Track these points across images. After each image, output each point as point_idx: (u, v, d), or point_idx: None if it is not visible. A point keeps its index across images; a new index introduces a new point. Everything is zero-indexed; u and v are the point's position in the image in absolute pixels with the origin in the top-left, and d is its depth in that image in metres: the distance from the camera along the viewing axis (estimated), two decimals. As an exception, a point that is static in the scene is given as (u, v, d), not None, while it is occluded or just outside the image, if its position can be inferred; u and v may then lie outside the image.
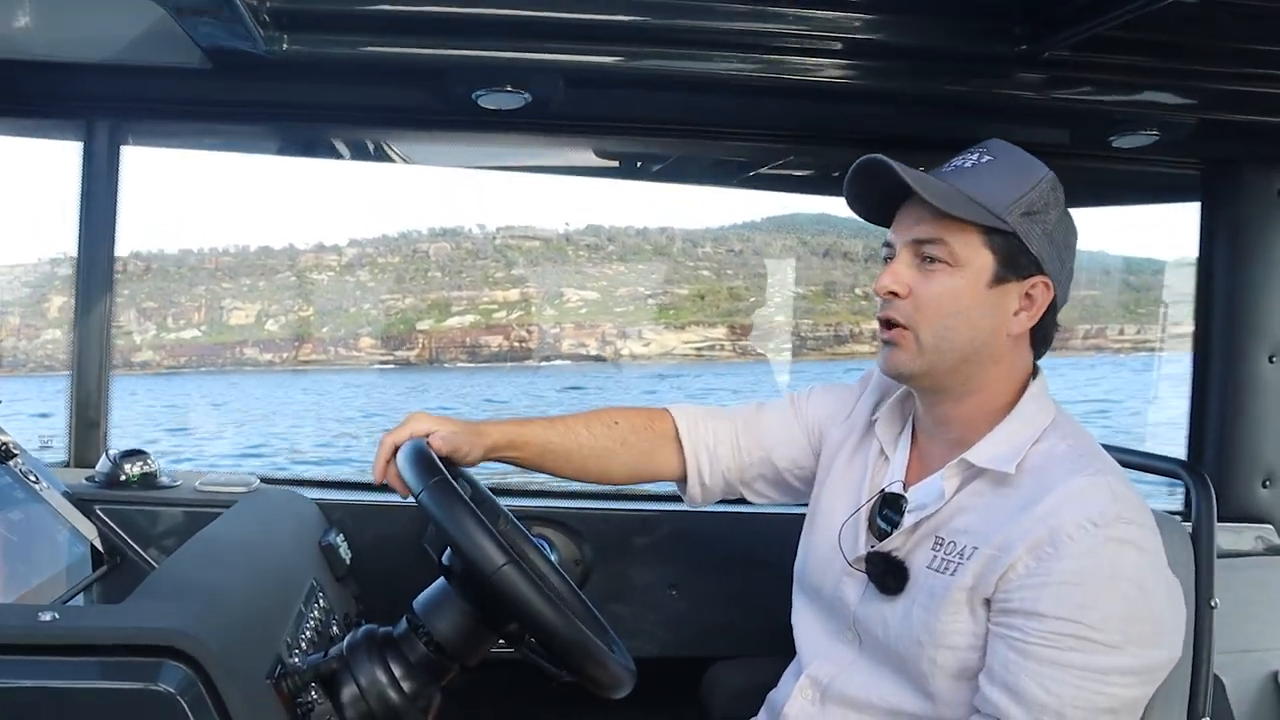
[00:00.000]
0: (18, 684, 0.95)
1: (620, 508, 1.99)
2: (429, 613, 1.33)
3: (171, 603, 1.12)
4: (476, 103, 1.62)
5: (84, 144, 1.84)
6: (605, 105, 1.75)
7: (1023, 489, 1.19)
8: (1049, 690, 1.09)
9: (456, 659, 1.33)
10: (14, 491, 1.43)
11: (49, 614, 1.01)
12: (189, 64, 1.50)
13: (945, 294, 1.22)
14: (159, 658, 0.98)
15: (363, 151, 1.97)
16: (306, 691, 1.17)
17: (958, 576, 1.19)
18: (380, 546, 1.84)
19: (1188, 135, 1.75)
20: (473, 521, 1.18)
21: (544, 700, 1.98)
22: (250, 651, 1.11)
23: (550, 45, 1.47)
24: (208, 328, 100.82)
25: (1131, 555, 1.12)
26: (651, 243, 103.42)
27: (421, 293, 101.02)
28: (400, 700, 1.28)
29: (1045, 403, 1.28)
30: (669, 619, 1.91)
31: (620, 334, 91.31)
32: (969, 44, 1.48)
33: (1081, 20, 1.37)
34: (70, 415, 1.87)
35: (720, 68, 1.50)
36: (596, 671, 1.25)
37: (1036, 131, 1.80)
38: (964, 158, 1.27)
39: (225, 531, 1.47)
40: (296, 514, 1.71)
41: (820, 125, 1.86)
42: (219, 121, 1.82)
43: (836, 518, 1.40)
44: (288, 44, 1.41)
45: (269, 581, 1.36)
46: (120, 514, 1.63)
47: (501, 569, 1.16)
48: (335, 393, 54.03)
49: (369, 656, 1.29)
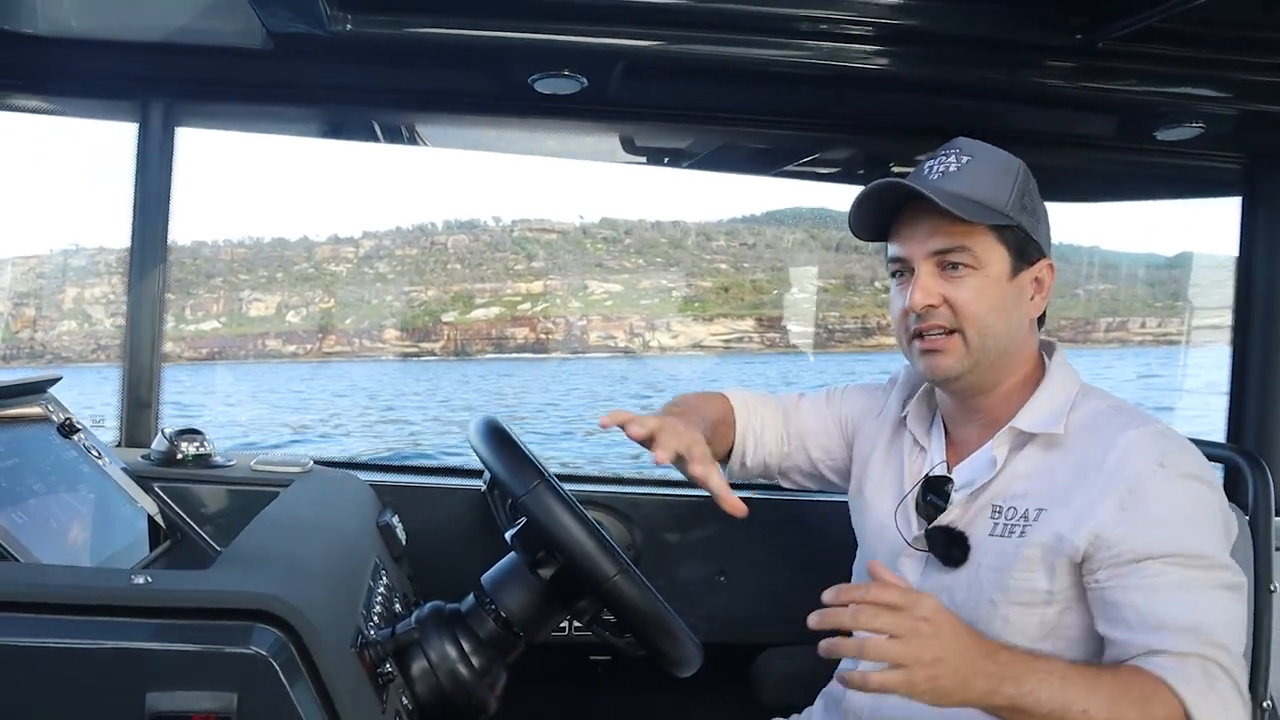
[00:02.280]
0: (113, 645, 0.96)
1: (671, 494, 2.01)
2: (498, 588, 1.35)
3: (257, 570, 1.13)
4: (533, 87, 1.63)
5: (139, 125, 1.84)
6: (657, 92, 1.77)
7: (1077, 448, 1.27)
8: (1188, 613, 1.15)
9: (524, 635, 1.35)
10: (80, 465, 1.44)
11: (141, 577, 1.02)
12: (250, 44, 1.51)
13: (978, 296, 1.29)
14: (251, 621, 0.99)
15: (413, 136, 1.98)
16: (385, 663, 1.18)
17: (1028, 537, 1.25)
18: (432, 528, 1.85)
19: (1231, 128, 1.77)
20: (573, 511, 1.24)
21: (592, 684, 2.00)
22: (336, 620, 1.12)
23: (608, 30, 1.48)
24: (227, 319, 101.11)
25: (1198, 486, 1.22)
26: (666, 236, 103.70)
27: (444, 285, 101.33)
28: (470, 675, 1.29)
29: (1070, 370, 1.36)
30: (717, 605, 1.92)
31: (648, 326, 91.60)
32: (1023, 33, 1.49)
33: (1136, 10, 1.38)
34: (123, 395, 1.88)
35: (768, 54, 1.51)
36: (671, 647, 1.27)
37: (1081, 122, 1.82)
38: (941, 161, 1.32)
39: (290, 509, 1.48)
40: (352, 495, 1.72)
41: (863, 114, 1.89)
42: (275, 103, 1.83)
43: (885, 506, 1.45)
44: (351, 25, 1.42)
45: (341, 557, 1.36)
46: (177, 491, 1.64)
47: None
48: (438, 381, 53.92)
49: (438, 631, 1.31)
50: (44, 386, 1.50)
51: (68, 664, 0.94)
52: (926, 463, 1.43)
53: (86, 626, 0.96)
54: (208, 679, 0.96)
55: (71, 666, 0.94)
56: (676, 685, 1.40)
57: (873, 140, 1.99)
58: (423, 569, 1.73)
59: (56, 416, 1.47)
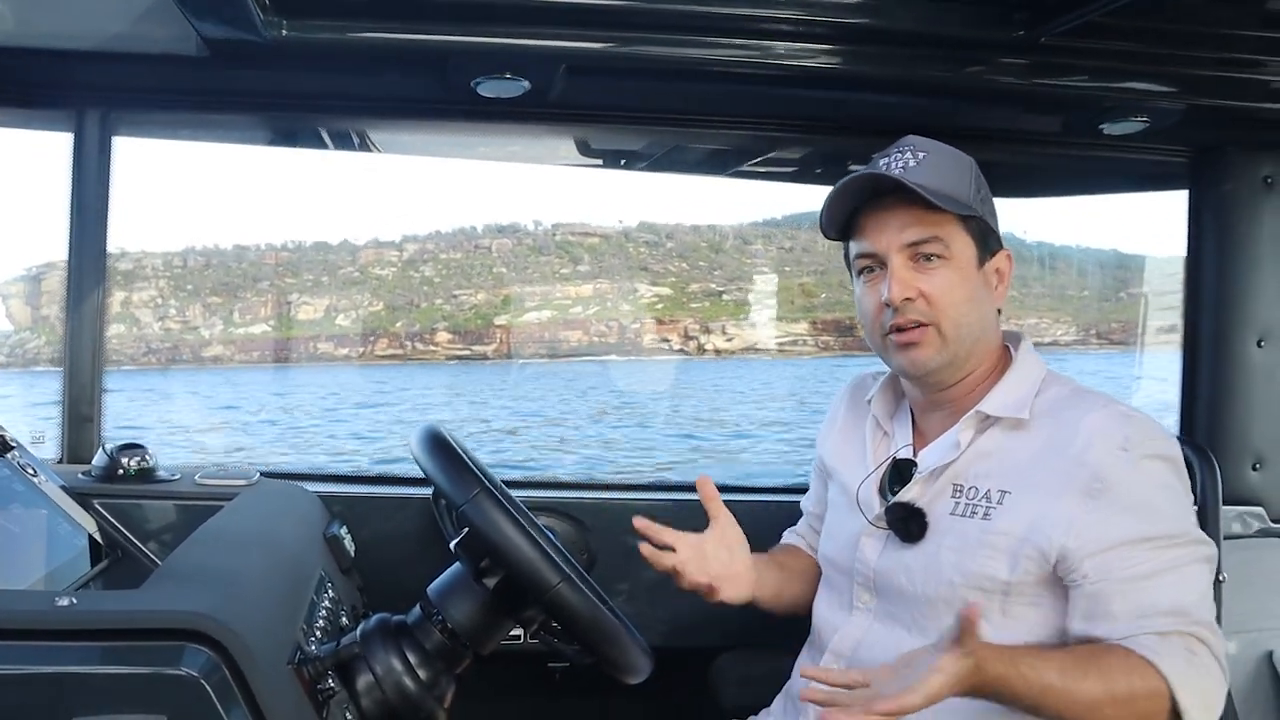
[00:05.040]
0: (36, 670, 0.93)
1: (624, 498, 1.99)
2: (443, 599, 1.33)
3: (190, 588, 1.10)
4: (476, 91, 1.61)
5: (74, 135, 1.80)
6: (604, 94, 1.75)
7: (1039, 432, 1.29)
8: (1171, 594, 1.18)
9: (471, 646, 1.33)
10: (13, 484, 1.40)
11: (66, 599, 0.99)
12: (184, 51, 1.48)
13: (952, 285, 1.31)
14: (181, 641, 0.96)
15: (358, 142, 1.95)
16: (325, 678, 1.16)
17: (994, 520, 1.26)
18: (381, 539, 1.82)
19: (1176, 122, 1.77)
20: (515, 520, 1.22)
21: (550, 692, 1.98)
22: (271, 637, 1.10)
23: (550, 31, 1.47)
24: (276, 323, 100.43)
25: (1162, 465, 1.24)
26: (705, 240, 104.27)
27: (492, 288, 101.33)
28: (416, 688, 1.27)
29: (1036, 357, 1.39)
30: (673, 609, 1.91)
31: (703, 329, 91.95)
32: (966, 29, 1.49)
33: (1078, 5, 1.38)
34: (64, 410, 1.84)
35: (715, 54, 1.50)
36: (619, 655, 1.26)
37: (1028, 119, 1.83)
38: (898, 158, 1.33)
39: (232, 523, 1.45)
40: (299, 506, 1.69)
41: (814, 113, 1.88)
42: (213, 111, 1.79)
43: (850, 488, 1.46)
44: (287, 30, 1.39)
45: (282, 571, 1.34)
46: (119, 508, 1.60)
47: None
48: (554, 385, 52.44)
49: (384, 644, 1.29)
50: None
51: None
52: (891, 447, 1.44)
53: (9, 651, 0.94)
54: (138, 701, 0.94)
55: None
56: (635, 691, 1.39)
57: (824, 139, 1.98)
58: (374, 580, 1.71)
59: (-12, 435, 1.43)
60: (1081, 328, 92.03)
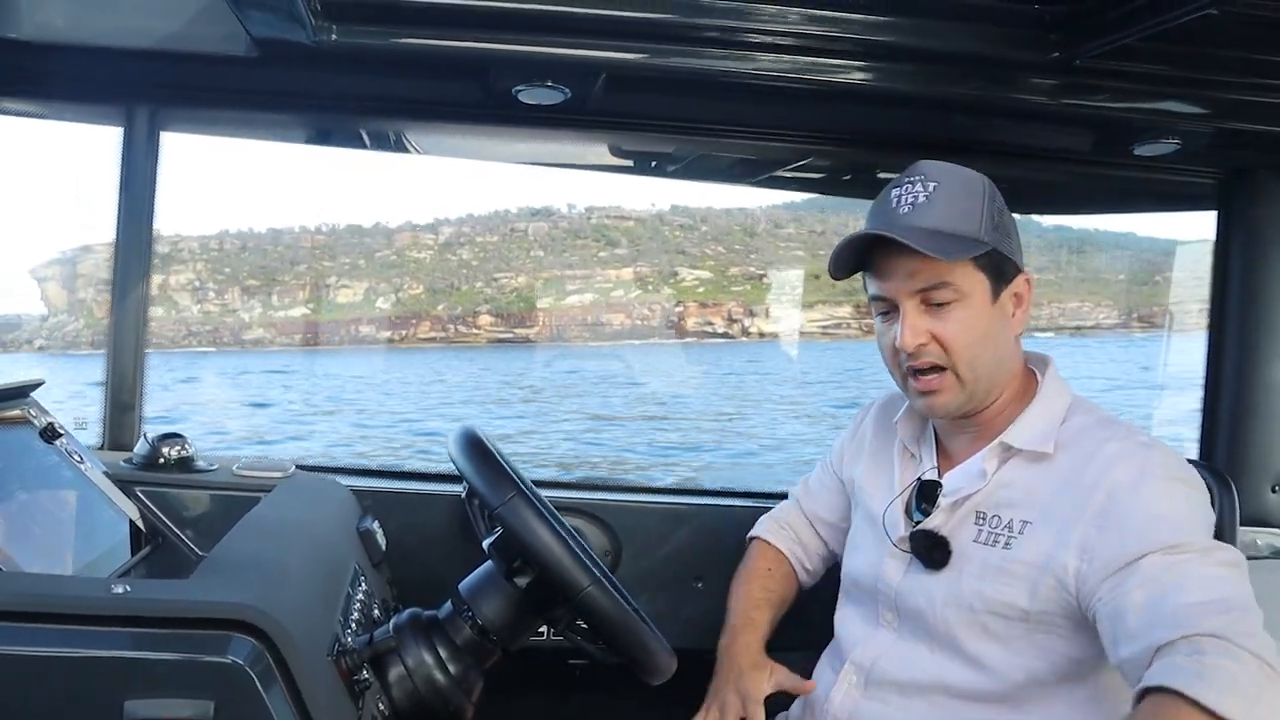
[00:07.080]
0: (92, 653, 0.97)
1: (649, 500, 2.03)
2: (475, 596, 1.36)
3: (237, 579, 1.14)
4: (516, 97, 1.65)
5: (124, 130, 1.84)
6: (640, 103, 1.78)
7: (1062, 462, 1.29)
8: (1191, 596, 1.11)
9: (500, 642, 1.36)
10: (62, 470, 1.44)
11: (120, 586, 1.03)
12: (234, 51, 1.51)
13: (965, 328, 1.30)
14: (228, 631, 1.00)
15: (402, 144, 1.98)
16: (362, 670, 1.19)
17: (1015, 550, 1.27)
18: (412, 533, 1.86)
19: (1207, 144, 1.79)
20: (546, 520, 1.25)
21: (570, 689, 2.01)
22: (313, 629, 1.13)
23: (590, 43, 1.49)
24: (315, 305, 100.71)
25: (1181, 486, 1.23)
26: (738, 224, 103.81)
27: (532, 271, 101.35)
28: (446, 682, 1.31)
29: (1062, 384, 1.38)
30: (695, 611, 1.94)
31: (747, 312, 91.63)
32: (1001, 49, 1.50)
33: (1115, 30, 1.40)
34: (105, 398, 1.89)
35: (751, 68, 1.51)
36: (644, 656, 1.29)
37: (1060, 137, 1.84)
38: (909, 192, 1.31)
39: (272, 515, 1.49)
40: (334, 500, 1.73)
41: (847, 127, 1.90)
42: (259, 110, 1.83)
43: (875, 508, 1.48)
44: (336, 34, 1.43)
45: (321, 563, 1.37)
46: (159, 495, 1.64)
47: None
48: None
49: (415, 638, 1.32)
50: (26, 391, 1.50)
51: (47, 672, 0.96)
52: (918, 469, 1.45)
53: (66, 635, 0.98)
54: (185, 687, 0.97)
55: (51, 674, 0.96)
56: (654, 690, 1.42)
57: (855, 152, 2.01)
58: (403, 574, 1.74)
59: (38, 421, 1.47)
60: (1122, 311, 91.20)
